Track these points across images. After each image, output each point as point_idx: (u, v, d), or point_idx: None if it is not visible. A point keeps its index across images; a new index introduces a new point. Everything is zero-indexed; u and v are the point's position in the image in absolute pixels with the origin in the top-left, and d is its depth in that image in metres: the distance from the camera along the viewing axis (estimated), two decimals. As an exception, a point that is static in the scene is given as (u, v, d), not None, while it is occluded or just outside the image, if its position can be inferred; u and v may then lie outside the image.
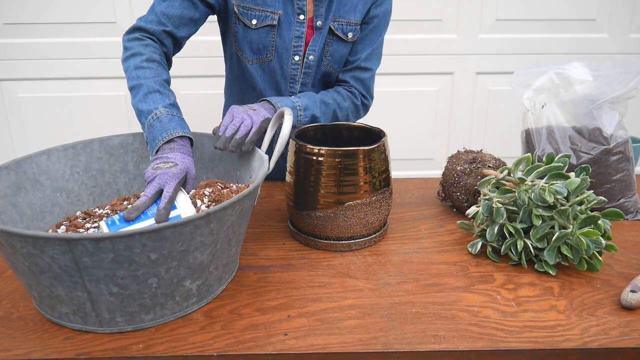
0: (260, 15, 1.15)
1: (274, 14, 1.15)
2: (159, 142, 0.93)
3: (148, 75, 1.02)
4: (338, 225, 0.96)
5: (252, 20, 1.15)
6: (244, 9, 1.15)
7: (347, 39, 1.21)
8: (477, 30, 2.31)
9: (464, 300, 0.83)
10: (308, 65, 1.22)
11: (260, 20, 1.15)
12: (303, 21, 1.17)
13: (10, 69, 2.21)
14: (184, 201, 0.85)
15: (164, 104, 0.98)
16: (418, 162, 2.46)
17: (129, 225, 0.81)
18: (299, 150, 0.96)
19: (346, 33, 1.21)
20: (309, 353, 0.71)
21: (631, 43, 2.34)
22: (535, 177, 0.93)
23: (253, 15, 1.15)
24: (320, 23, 1.18)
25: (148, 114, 0.97)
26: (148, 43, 1.07)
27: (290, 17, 1.17)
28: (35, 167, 0.92)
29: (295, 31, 1.18)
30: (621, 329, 0.75)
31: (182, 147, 0.93)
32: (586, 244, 0.86)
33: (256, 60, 1.20)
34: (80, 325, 0.75)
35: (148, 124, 0.96)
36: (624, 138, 1.09)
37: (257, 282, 0.88)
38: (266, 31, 1.17)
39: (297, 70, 1.22)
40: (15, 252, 0.69)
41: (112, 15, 2.17)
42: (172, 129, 0.94)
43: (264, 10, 1.15)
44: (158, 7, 1.10)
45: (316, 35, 1.19)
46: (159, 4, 1.10)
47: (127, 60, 1.05)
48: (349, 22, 1.20)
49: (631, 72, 1.07)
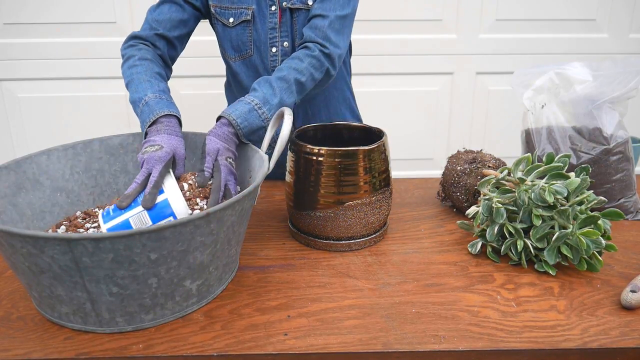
0: (236, 13, 1.18)
1: (247, 9, 1.18)
2: (146, 125, 0.94)
3: (140, 70, 1.06)
4: (338, 225, 0.96)
5: (229, 19, 1.18)
6: (221, 9, 1.18)
7: (309, 6, 1.18)
8: (477, 30, 2.30)
9: (464, 300, 0.83)
10: (285, 52, 1.21)
11: (236, 17, 1.18)
12: (275, 12, 1.18)
13: (11, 69, 2.21)
14: (171, 185, 0.85)
15: (153, 90, 1.01)
16: (418, 162, 2.46)
17: (122, 213, 0.82)
18: (299, 150, 0.96)
19: (306, 1, 1.18)
20: (309, 353, 0.71)
21: (631, 43, 2.34)
22: (535, 177, 0.93)
23: (230, 13, 1.18)
24: (285, 3, 1.18)
25: (139, 101, 1.00)
26: (141, 47, 1.13)
27: (264, 10, 1.18)
28: (35, 167, 0.92)
29: (269, 23, 1.19)
30: (621, 329, 0.75)
31: (168, 128, 0.93)
32: (586, 244, 0.86)
33: (238, 58, 1.23)
34: (80, 325, 0.75)
35: (139, 112, 0.99)
36: (624, 138, 1.09)
37: (257, 282, 0.88)
38: (243, 27, 1.19)
39: (276, 62, 1.22)
40: (15, 252, 0.69)
41: (112, 15, 2.17)
42: (157, 110, 0.96)
43: (238, 7, 1.17)
44: (149, 16, 1.17)
45: (284, 19, 1.19)
46: (150, 14, 1.17)
47: (123, 65, 1.11)
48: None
49: (631, 72, 1.07)
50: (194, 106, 2.31)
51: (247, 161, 0.98)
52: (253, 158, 0.96)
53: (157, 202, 0.83)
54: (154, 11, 1.16)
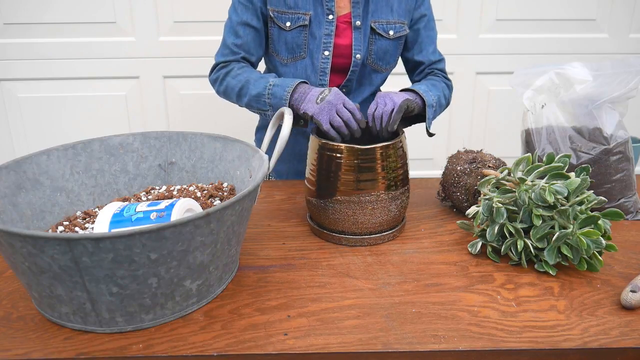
0: (293, 18, 1.26)
1: (305, 15, 1.27)
2: (287, 94, 1.11)
3: (247, 72, 1.22)
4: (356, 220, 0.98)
5: (286, 23, 1.27)
6: (278, 13, 1.26)
7: (389, 36, 1.32)
8: (477, 30, 2.30)
9: (464, 300, 0.83)
10: (356, 63, 1.31)
11: (293, 22, 1.27)
12: (332, 20, 1.28)
13: (10, 69, 2.21)
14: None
15: (272, 77, 1.18)
16: (418, 162, 2.46)
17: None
18: (321, 147, 1.00)
19: (387, 31, 1.31)
20: (309, 353, 0.71)
21: (631, 43, 2.34)
22: (535, 177, 0.93)
23: (287, 18, 1.26)
24: (359, 23, 1.29)
25: (264, 90, 1.16)
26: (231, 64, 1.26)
27: (320, 17, 1.28)
28: (35, 167, 0.92)
29: (325, 29, 1.28)
30: (621, 329, 0.75)
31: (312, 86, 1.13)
32: (586, 244, 0.86)
33: (290, 59, 1.31)
34: (80, 325, 0.75)
35: (268, 97, 1.15)
36: (624, 138, 1.09)
37: (257, 282, 0.88)
38: (299, 31, 1.28)
39: (326, 64, 1.31)
40: (15, 252, 0.69)
41: (112, 15, 2.17)
42: (290, 83, 1.13)
43: (295, 12, 1.27)
44: (229, 40, 1.27)
45: (356, 35, 1.29)
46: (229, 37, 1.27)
47: (224, 80, 1.24)
48: (388, 22, 1.31)
49: (631, 72, 1.07)
50: (194, 106, 2.31)
51: (247, 161, 0.98)
52: (253, 158, 0.96)
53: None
54: (232, 35, 1.26)
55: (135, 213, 0.83)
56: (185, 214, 0.84)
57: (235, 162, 1.00)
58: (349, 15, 1.29)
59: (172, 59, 2.23)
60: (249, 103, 1.20)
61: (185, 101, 2.30)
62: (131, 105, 2.30)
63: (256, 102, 1.18)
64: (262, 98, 1.16)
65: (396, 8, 1.31)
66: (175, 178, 1.05)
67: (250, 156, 0.97)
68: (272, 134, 1.03)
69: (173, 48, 2.21)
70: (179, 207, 0.83)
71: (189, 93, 2.29)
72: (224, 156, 1.02)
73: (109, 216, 0.83)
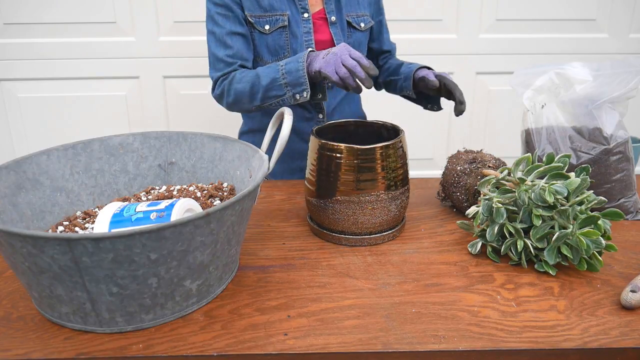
0: (271, 20, 1.27)
1: (283, 15, 1.28)
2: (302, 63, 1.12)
3: (250, 73, 1.21)
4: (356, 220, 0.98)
5: (265, 26, 1.27)
6: (257, 18, 1.27)
7: (361, 28, 1.38)
8: (477, 30, 2.30)
9: (464, 300, 0.83)
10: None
11: (272, 24, 1.27)
12: (308, 18, 1.30)
13: (10, 69, 2.21)
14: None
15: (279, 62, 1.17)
16: (418, 162, 2.46)
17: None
18: (321, 147, 0.99)
19: (359, 23, 1.37)
20: (309, 353, 0.71)
21: (631, 43, 2.34)
22: (535, 177, 0.93)
23: (265, 21, 1.27)
24: (334, 18, 1.33)
25: (276, 74, 1.15)
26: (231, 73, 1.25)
27: (296, 16, 1.30)
28: (35, 167, 0.92)
29: (303, 27, 1.31)
30: (621, 329, 0.75)
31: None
32: (586, 244, 0.86)
33: (274, 61, 1.30)
34: (80, 325, 0.75)
35: (283, 77, 1.14)
36: (624, 138, 1.09)
37: (257, 282, 0.88)
38: (279, 32, 1.29)
39: None
40: (15, 252, 0.69)
41: (112, 15, 2.17)
42: (300, 53, 1.14)
43: (272, 14, 1.27)
44: (220, 54, 1.25)
45: (334, 30, 1.33)
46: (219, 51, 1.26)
47: (230, 92, 1.23)
48: (357, 15, 1.37)
49: (631, 72, 1.07)
50: (194, 106, 2.32)
51: (247, 161, 0.98)
52: (253, 158, 0.96)
53: None
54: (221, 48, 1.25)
55: (135, 213, 0.83)
56: (185, 214, 0.84)
57: (235, 162, 1.00)
58: (322, 12, 1.33)
59: (172, 59, 2.23)
60: (264, 96, 1.18)
61: (185, 101, 2.30)
62: (131, 105, 2.30)
63: (271, 90, 1.17)
64: (276, 82, 1.15)
65: (361, 1, 1.37)
66: (175, 178, 1.05)
67: (250, 156, 0.97)
68: (272, 134, 1.03)
69: (173, 48, 2.21)
70: (179, 207, 0.83)
71: (189, 93, 2.29)
72: (224, 156, 1.02)
73: (108, 216, 0.83)
